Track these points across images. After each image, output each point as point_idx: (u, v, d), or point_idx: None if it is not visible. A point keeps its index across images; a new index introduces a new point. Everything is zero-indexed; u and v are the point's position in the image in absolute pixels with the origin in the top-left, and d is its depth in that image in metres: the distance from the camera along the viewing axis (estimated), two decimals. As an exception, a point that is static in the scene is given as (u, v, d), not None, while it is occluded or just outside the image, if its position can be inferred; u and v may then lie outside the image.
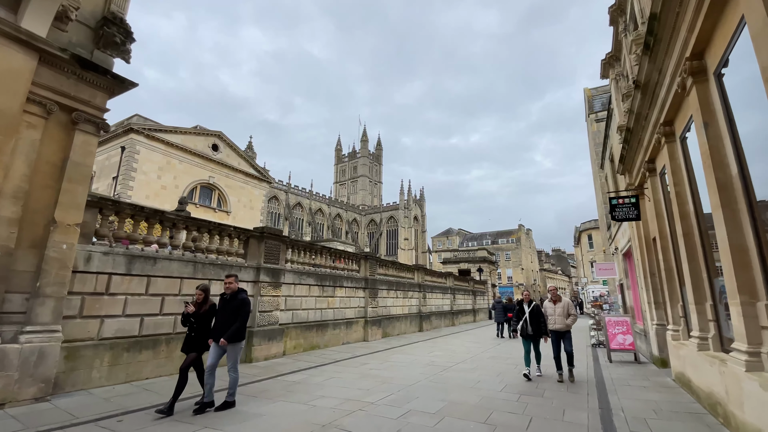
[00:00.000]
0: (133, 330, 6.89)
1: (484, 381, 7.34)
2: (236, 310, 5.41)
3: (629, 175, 10.42)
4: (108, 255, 6.65)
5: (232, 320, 5.36)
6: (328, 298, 12.21)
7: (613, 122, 12.39)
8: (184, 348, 5.55)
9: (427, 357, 10.35)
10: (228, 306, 5.47)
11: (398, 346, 12.57)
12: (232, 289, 5.55)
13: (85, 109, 6.46)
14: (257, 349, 8.96)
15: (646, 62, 6.29)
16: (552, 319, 7.76)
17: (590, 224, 39.81)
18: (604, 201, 19.14)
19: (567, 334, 7.67)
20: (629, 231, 11.82)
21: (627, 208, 9.41)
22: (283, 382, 7.00)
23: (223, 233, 8.94)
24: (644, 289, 10.01)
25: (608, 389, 6.97)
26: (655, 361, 9.57)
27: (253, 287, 9.37)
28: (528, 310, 7.86)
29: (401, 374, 7.87)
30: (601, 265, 15.46)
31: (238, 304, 5.44)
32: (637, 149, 8.92)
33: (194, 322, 5.52)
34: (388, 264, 17.46)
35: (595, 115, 20.27)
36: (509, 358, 10.38)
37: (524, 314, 7.85)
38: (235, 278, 5.60)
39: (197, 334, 5.48)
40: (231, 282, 5.56)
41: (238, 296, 5.52)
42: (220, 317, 5.48)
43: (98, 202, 6.68)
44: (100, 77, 6.64)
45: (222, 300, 5.60)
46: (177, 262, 7.66)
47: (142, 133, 29.89)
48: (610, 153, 13.73)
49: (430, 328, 19.65)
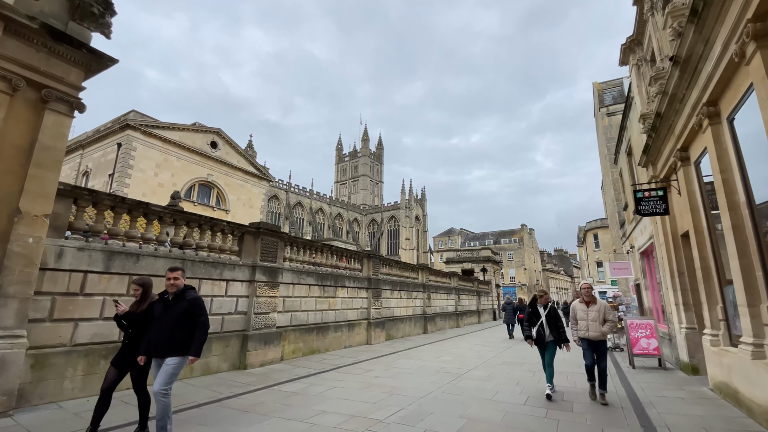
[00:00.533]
0: (111, 335, 6.17)
1: (504, 392, 6.59)
2: (187, 316, 4.10)
3: (653, 167, 9.68)
4: (83, 251, 5.93)
5: (180, 328, 4.05)
6: (329, 299, 11.48)
7: (632, 112, 11.65)
8: (115, 360, 4.34)
9: (436, 362, 9.61)
10: (172, 310, 4.12)
11: (403, 350, 11.84)
12: (177, 287, 4.24)
13: (57, 87, 5.75)
14: (252, 354, 8.23)
15: (690, 32, 5.55)
16: (584, 324, 6.28)
17: (596, 223, 39.03)
18: (616, 198, 18.41)
19: (603, 345, 6.22)
20: (650, 228, 11.07)
21: (654, 202, 8.66)
22: (280, 393, 6.27)
23: (215, 228, 8.21)
24: (670, 289, 9.26)
25: (642, 401, 6.23)
26: (683, 367, 8.83)
27: (249, 287, 8.65)
28: (544, 312, 6.58)
29: (410, 383, 7.13)
30: (616, 264, 14.70)
31: (188, 307, 4.13)
32: (666, 137, 8.18)
33: (128, 326, 4.38)
34: (392, 263, 16.74)
35: (607, 109, 19.52)
36: (524, 364, 9.64)
37: (540, 318, 6.54)
38: (182, 273, 4.36)
39: (133, 342, 4.32)
40: (176, 277, 4.24)
41: (186, 295, 4.21)
42: (159, 324, 4.10)
43: (72, 191, 5.96)
44: (75, 51, 5.93)
45: (162, 301, 4.25)
46: (163, 259, 6.93)
47: (138, 130, 29.23)
48: (627, 146, 12.99)
49: (435, 330, 18.91)
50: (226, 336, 7.95)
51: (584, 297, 6.49)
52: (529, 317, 6.67)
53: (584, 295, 6.50)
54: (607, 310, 6.27)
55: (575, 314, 6.50)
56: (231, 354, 8.00)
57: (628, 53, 10.78)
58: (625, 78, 20.05)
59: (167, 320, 4.09)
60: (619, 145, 14.73)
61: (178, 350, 4.03)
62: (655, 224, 10.06)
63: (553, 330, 6.42)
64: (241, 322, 8.35)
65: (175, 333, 4.05)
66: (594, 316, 6.24)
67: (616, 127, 18.73)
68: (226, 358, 7.89)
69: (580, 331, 6.34)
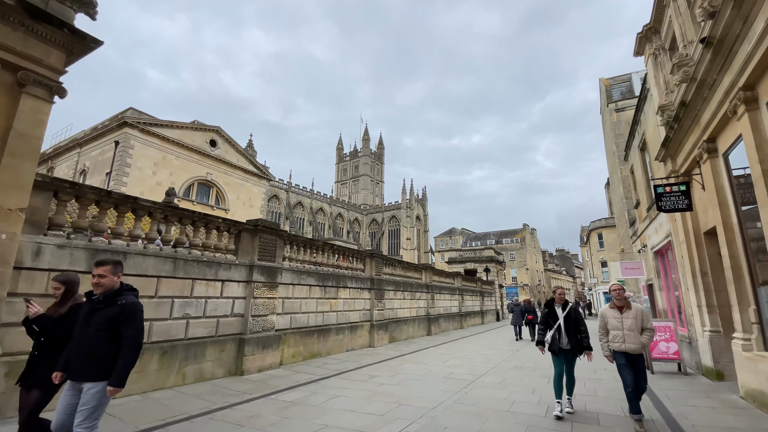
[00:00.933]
0: (95, 339, 5.67)
1: (520, 402, 6.08)
2: (114, 326, 3.07)
3: (672, 161, 9.18)
4: (64, 248, 5.44)
5: (104, 342, 3.03)
6: (331, 300, 10.99)
7: (647, 105, 11.15)
8: (23, 377, 3.30)
9: (444, 367, 9.11)
10: (96, 316, 3.10)
11: (408, 353, 11.35)
12: (105, 287, 3.15)
13: (35, 69, 5.26)
14: (250, 359, 7.74)
15: (728, 8, 5.07)
16: (618, 334, 5.19)
17: (601, 222, 38.51)
18: (626, 196, 17.91)
19: (641, 360, 5.16)
20: (667, 225, 10.57)
21: (675, 198, 8.17)
22: (278, 403, 5.77)
23: (210, 225, 7.72)
24: (692, 290, 8.76)
25: (672, 412, 5.73)
26: (706, 372, 8.33)
27: (246, 288, 8.16)
28: (563, 314, 5.65)
29: (418, 392, 6.63)
30: (627, 264, 14.19)
31: (117, 315, 3.08)
32: (690, 128, 7.69)
33: (39, 333, 3.40)
34: (395, 263, 16.25)
35: (615, 104, 19.01)
36: (536, 369, 9.14)
37: (557, 320, 5.63)
38: (113, 268, 3.25)
39: (44, 354, 3.31)
40: (103, 274, 3.16)
41: (119, 299, 3.16)
42: (78, 334, 3.11)
43: (52, 183, 5.48)
44: (56, 31, 5.44)
45: (90, 303, 3.21)
46: (153, 258, 6.45)
47: (136, 127, 28.73)
48: (640, 140, 12.49)
49: (439, 332, 18.42)
50: (221, 340, 7.46)
51: (615, 301, 5.41)
52: (545, 319, 5.79)
53: (615, 299, 5.41)
54: (645, 316, 5.21)
55: (606, 322, 5.41)
56: (227, 359, 7.51)
57: (644, 42, 10.27)
58: (633, 73, 19.57)
59: (87, 329, 3.07)
60: (631, 141, 14.22)
61: (98, 372, 2.98)
62: (674, 221, 9.55)
63: (573, 335, 5.51)
64: (237, 325, 7.87)
65: (97, 348, 3.01)
66: (630, 324, 5.16)
67: (625, 123, 18.24)
68: (222, 363, 7.40)
69: (614, 342, 5.21)
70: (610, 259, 35.11)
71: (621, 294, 5.38)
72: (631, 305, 5.31)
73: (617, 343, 5.18)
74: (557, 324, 5.61)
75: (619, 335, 5.20)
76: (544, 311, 5.92)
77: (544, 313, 5.90)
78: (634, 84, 19.21)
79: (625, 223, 18.86)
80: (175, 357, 6.57)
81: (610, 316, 5.37)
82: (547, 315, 5.83)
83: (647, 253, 13.63)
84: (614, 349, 5.22)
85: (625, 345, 5.12)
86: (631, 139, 14.22)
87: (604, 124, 23.07)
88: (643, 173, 12.87)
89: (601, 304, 37.28)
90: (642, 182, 13.13)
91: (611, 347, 5.26)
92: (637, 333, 5.12)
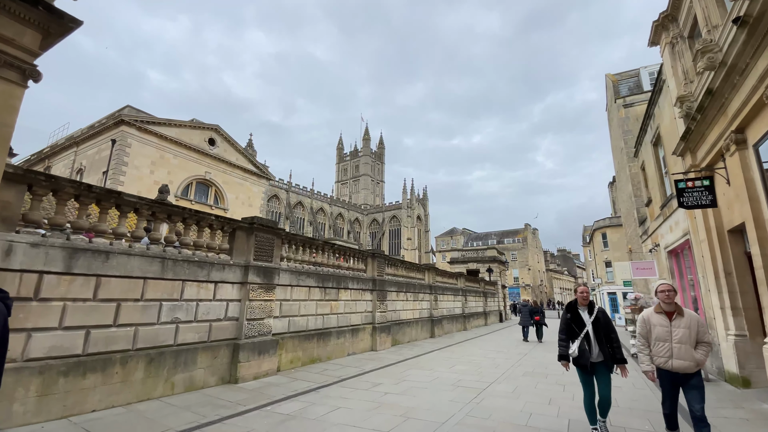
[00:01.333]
0: (74, 347, 5.20)
1: (538, 414, 5.58)
2: None
3: (692, 155, 8.68)
4: (38, 247, 4.96)
5: None
6: (332, 302, 10.50)
7: (663, 97, 10.66)
8: None
9: (450, 374, 8.61)
10: None
11: (412, 358, 10.86)
12: None
13: (6, 50, 4.77)
14: (245, 366, 7.25)
15: (771, -20, 4.58)
16: (664, 348, 4.13)
17: (605, 222, 37.96)
18: (635, 194, 17.41)
19: (697, 379, 4.07)
20: (684, 223, 10.07)
21: (698, 193, 7.67)
22: (273, 417, 5.29)
23: (202, 223, 7.23)
24: (714, 291, 8.26)
25: (704, 426, 5.23)
26: (730, 379, 7.84)
27: (241, 290, 7.67)
28: (590, 319, 4.63)
29: (426, 402, 6.14)
30: (639, 264, 13.69)
31: None
32: (715, 118, 7.19)
33: None
34: (397, 263, 15.75)
35: (623, 100, 18.49)
36: (548, 375, 8.65)
37: (584, 327, 4.58)
38: None
39: None
40: None
41: None
42: None
43: (25, 176, 4.99)
44: (30, 9, 4.94)
45: None
46: (139, 258, 5.96)
47: (133, 125, 28.28)
48: (654, 135, 11.98)
49: (442, 334, 17.91)
50: (214, 346, 6.97)
51: (663, 305, 4.23)
52: (568, 326, 4.72)
53: (664, 302, 4.22)
54: (701, 327, 4.14)
55: (648, 330, 4.31)
56: (220, 366, 7.02)
57: (660, 31, 9.77)
58: (642, 68, 19.09)
59: None
60: (642, 136, 13.72)
61: None
62: (693, 219, 9.06)
63: (604, 344, 4.52)
64: (231, 330, 7.38)
65: None
66: (682, 335, 4.06)
67: (633, 119, 17.75)
68: (214, 370, 6.91)
69: (659, 357, 4.17)
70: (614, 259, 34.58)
71: (672, 296, 4.22)
72: (684, 311, 4.22)
73: (662, 358, 4.16)
74: (584, 331, 4.56)
75: (665, 348, 4.14)
76: (566, 317, 4.81)
77: (565, 320, 4.81)
78: (643, 79, 18.73)
79: (634, 222, 18.35)
80: (163, 365, 6.09)
81: (657, 323, 4.25)
82: (570, 321, 4.74)
83: (660, 252, 13.13)
84: (658, 366, 4.21)
85: (672, 361, 4.07)
86: (642, 134, 13.71)
87: (611, 121, 22.56)
88: (656, 169, 12.37)
89: (605, 304, 36.72)
90: (655, 179, 12.62)
91: (655, 363, 4.23)
92: (690, 347, 4.05)
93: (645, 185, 14.66)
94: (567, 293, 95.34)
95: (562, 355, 4.66)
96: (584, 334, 4.56)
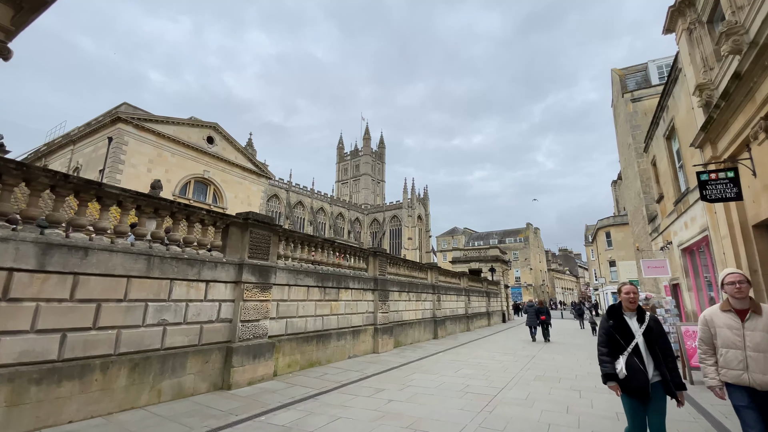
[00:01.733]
0: (48, 353, 4.73)
1: (558, 425, 5.10)
2: None
3: (712, 146, 8.20)
4: (8, 242, 4.49)
5: None
6: (332, 302, 10.03)
7: (678, 87, 10.18)
8: None
9: (457, 378, 8.14)
10: None
11: (415, 360, 10.39)
12: None
13: (-30, 25, 4.33)
14: (238, 371, 6.78)
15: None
16: (736, 356, 3.18)
17: (609, 221, 37.46)
18: (644, 191, 16.94)
19: None
20: (701, 219, 9.60)
21: (723, 186, 7.18)
22: (267, 429, 4.81)
23: (192, 218, 6.76)
24: (737, 291, 7.79)
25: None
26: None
27: (234, 289, 7.21)
28: (641, 329, 3.47)
29: (434, 411, 5.66)
30: (650, 263, 13.20)
31: None
32: (742, 105, 6.71)
33: None
34: (400, 262, 15.28)
35: (631, 94, 18.00)
36: (561, 379, 8.19)
37: (632, 339, 3.45)
38: None
39: None
40: None
41: None
42: None
43: (-8, 163, 4.53)
44: (-3, -19, 4.50)
45: None
46: (122, 255, 5.49)
47: (130, 123, 27.85)
48: (667, 128, 11.50)
49: (446, 335, 17.45)
50: (205, 349, 6.50)
51: (733, 301, 3.29)
52: (610, 337, 3.55)
53: (732, 296, 3.27)
54: None
55: (712, 334, 3.38)
56: (211, 371, 6.55)
57: (676, 17, 9.30)
58: (650, 61, 18.61)
59: None
60: (654, 130, 13.24)
61: None
62: (713, 214, 8.59)
63: (659, 362, 3.39)
64: (224, 332, 6.92)
65: None
66: (760, 339, 3.08)
67: (642, 114, 17.28)
68: (205, 376, 6.44)
69: (729, 369, 3.20)
70: (619, 258, 34.13)
71: (745, 290, 3.19)
72: (762, 309, 3.19)
73: (734, 371, 3.16)
74: (633, 344, 3.42)
75: (736, 357, 3.16)
76: (608, 325, 3.61)
77: (606, 328, 3.61)
78: (651, 73, 18.25)
79: (642, 219, 17.87)
80: (149, 370, 5.62)
81: (723, 324, 3.28)
82: (612, 330, 3.55)
83: (672, 250, 12.65)
84: (727, 381, 3.22)
85: (748, 374, 3.08)
86: (653, 128, 13.23)
87: (617, 117, 22.08)
88: (669, 164, 11.89)
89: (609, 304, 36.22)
90: (667, 174, 12.15)
91: (724, 377, 3.24)
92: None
93: (656, 181, 14.18)
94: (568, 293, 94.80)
95: (608, 376, 3.48)
96: (633, 348, 3.41)
